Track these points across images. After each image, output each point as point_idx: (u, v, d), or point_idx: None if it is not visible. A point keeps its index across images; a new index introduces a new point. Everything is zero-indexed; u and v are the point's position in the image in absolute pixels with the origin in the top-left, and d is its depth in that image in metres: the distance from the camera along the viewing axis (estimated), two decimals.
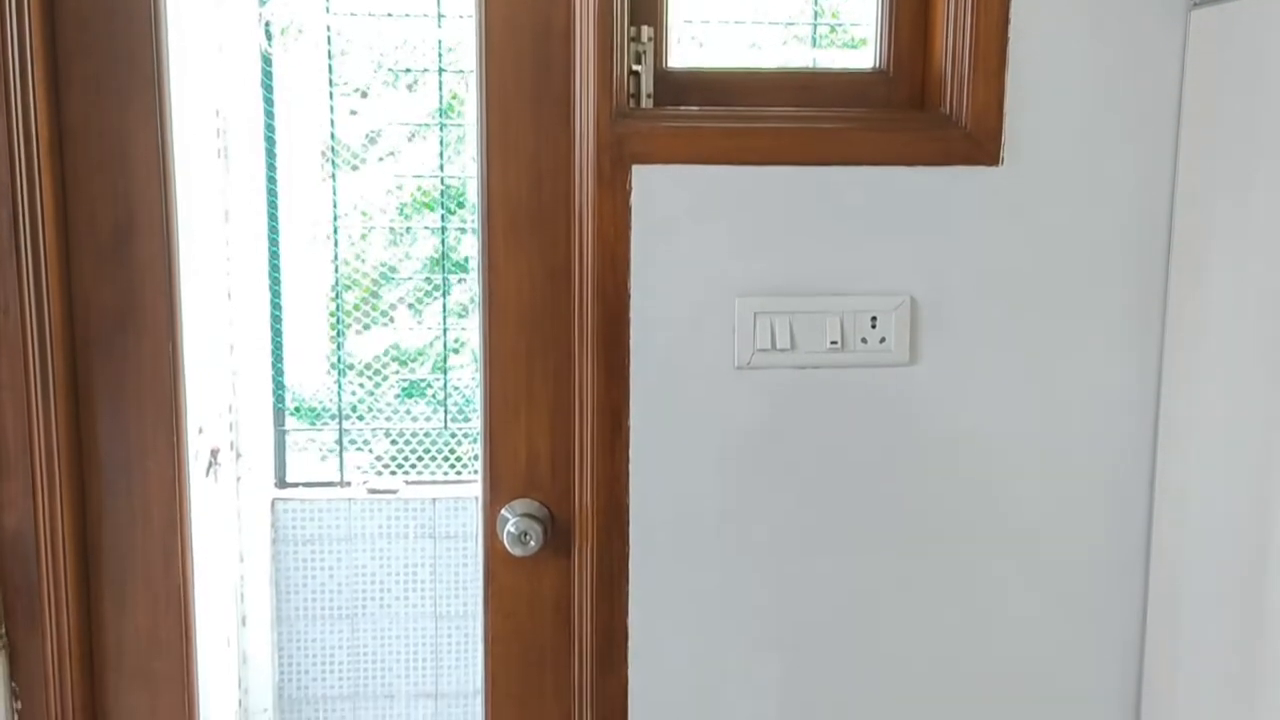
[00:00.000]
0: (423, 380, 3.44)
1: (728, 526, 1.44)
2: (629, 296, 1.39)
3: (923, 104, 1.46)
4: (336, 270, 3.29)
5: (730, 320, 1.40)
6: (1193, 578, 1.40)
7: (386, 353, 3.42)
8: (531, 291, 1.41)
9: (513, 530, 1.42)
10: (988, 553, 1.48)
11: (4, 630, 1.40)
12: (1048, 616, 1.50)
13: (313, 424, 3.41)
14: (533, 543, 1.42)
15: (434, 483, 3.38)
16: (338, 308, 3.31)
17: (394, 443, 3.41)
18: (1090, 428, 1.47)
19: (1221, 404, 1.34)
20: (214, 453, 2.95)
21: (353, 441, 3.40)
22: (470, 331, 3.35)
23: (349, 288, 3.35)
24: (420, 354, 3.45)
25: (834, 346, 1.41)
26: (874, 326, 1.41)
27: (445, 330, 3.32)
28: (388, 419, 3.41)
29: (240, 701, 3.24)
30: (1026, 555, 1.48)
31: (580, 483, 1.43)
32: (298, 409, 3.38)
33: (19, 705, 1.42)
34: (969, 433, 1.45)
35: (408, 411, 3.43)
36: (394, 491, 3.28)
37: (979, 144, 1.39)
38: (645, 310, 1.39)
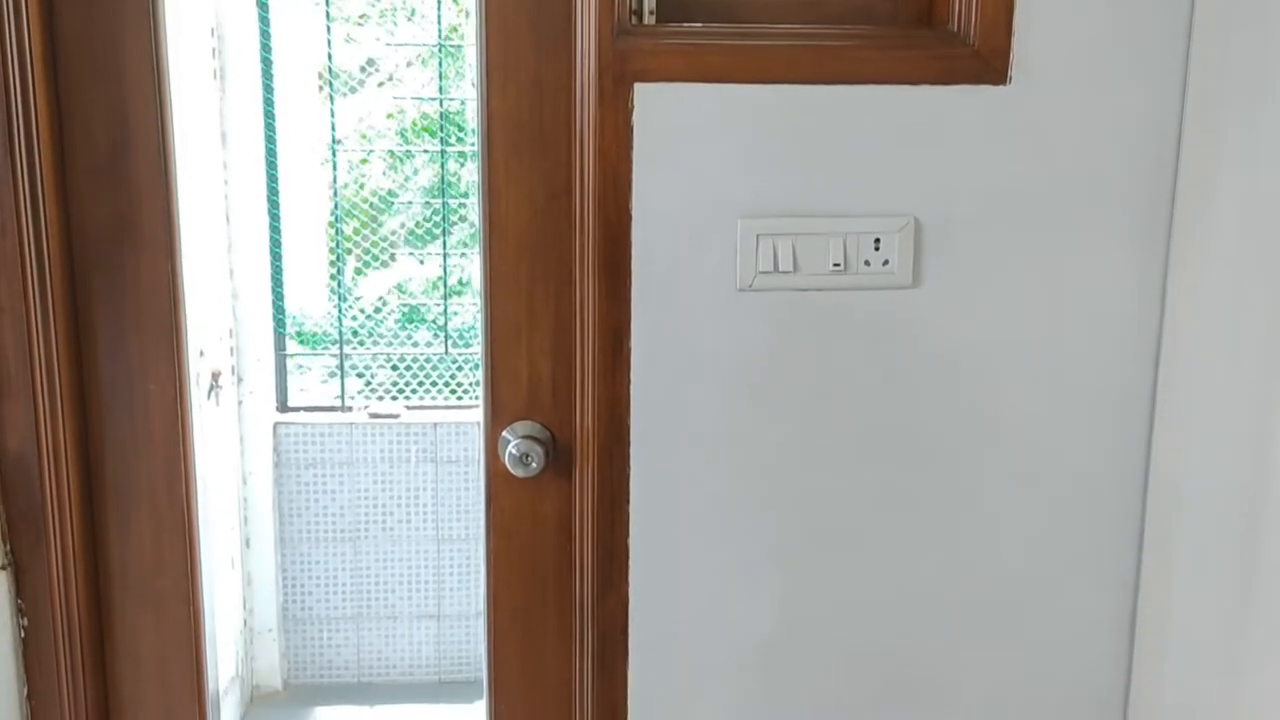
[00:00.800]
0: (423, 306, 3.43)
1: (728, 447, 1.45)
2: (630, 218, 1.37)
3: (930, 21, 1.43)
4: (335, 194, 3.27)
5: (733, 241, 1.39)
6: (1191, 492, 1.40)
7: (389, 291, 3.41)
8: (532, 214, 1.39)
9: (514, 452, 1.42)
10: (989, 472, 1.49)
11: (9, 549, 1.41)
12: (1048, 533, 1.51)
13: (313, 349, 3.41)
14: (534, 464, 1.42)
15: (435, 408, 3.38)
16: (337, 233, 3.29)
17: (395, 368, 3.41)
18: (1094, 349, 1.46)
19: (1225, 324, 1.33)
20: (215, 375, 2.95)
21: (354, 367, 3.40)
22: (472, 258, 3.33)
23: (349, 213, 3.33)
24: (424, 293, 3.44)
25: (836, 269, 1.40)
26: (877, 248, 1.40)
27: (446, 255, 3.31)
28: (389, 344, 3.41)
29: (245, 621, 3.28)
30: (1028, 475, 1.49)
31: (581, 404, 1.43)
32: (299, 334, 3.38)
33: (25, 623, 1.44)
34: (972, 354, 1.45)
35: (409, 337, 3.42)
36: (395, 416, 3.29)
37: (986, 62, 1.37)
38: (647, 231, 1.38)
